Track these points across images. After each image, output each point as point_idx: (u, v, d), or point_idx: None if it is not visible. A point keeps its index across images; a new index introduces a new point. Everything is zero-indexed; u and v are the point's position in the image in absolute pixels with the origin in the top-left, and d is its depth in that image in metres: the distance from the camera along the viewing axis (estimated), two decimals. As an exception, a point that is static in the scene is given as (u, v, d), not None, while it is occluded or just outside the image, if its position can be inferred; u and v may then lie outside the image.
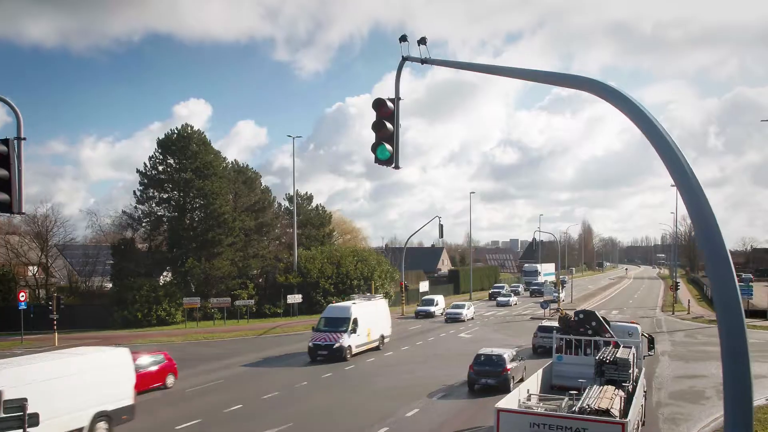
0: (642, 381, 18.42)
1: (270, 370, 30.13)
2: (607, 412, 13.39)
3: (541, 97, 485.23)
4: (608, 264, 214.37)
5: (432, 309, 53.14)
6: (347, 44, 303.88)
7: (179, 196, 55.68)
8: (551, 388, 19.04)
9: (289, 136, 69.20)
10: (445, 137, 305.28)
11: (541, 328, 33.68)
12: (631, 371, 17.02)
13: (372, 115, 11.90)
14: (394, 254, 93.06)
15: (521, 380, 23.67)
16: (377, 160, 11.88)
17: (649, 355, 23.23)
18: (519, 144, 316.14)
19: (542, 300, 52.69)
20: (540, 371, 18.97)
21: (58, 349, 38.01)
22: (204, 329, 47.43)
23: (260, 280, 61.33)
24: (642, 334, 22.10)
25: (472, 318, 51.13)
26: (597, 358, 17.72)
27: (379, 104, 11.78)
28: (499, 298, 66.29)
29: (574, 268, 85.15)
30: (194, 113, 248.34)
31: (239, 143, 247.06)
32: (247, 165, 64.31)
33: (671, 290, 61.95)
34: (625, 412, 14.11)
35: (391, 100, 11.82)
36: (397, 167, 11.99)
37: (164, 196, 56.07)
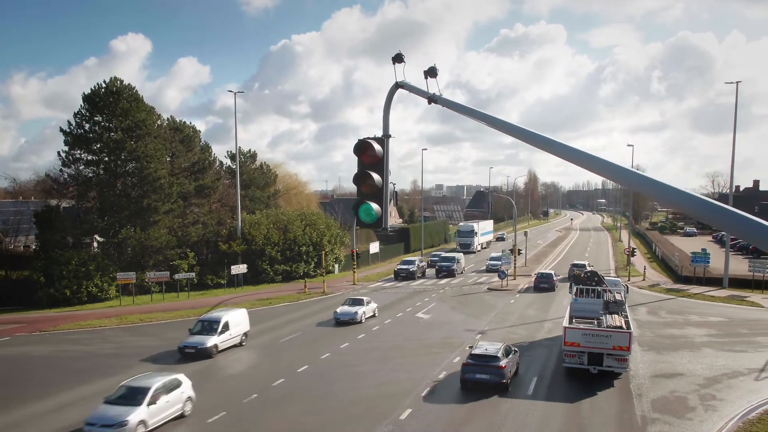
0: (627, 310, 29.21)
1: (215, 373, 27.11)
2: (620, 328, 25.36)
3: (490, 39, 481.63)
4: (552, 211, 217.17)
5: (222, 319, 30.52)
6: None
7: (109, 158, 50.30)
8: (571, 319, 27.67)
9: (230, 91, 64.15)
10: (393, 78, 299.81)
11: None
12: (624, 306, 29.05)
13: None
14: (343, 209, 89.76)
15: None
16: (360, 222, 8.76)
17: (626, 296, 32.83)
18: (467, 86, 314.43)
19: (498, 270, 50.41)
20: (569, 308, 29.17)
21: None
22: (140, 307, 43.64)
23: (201, 245, 57.25)
24: (622, 285, 34.31)
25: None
26: (604, 299, 29.08)
27: (363, 148, 8.47)
28: (338, 310, 37.78)
29: (527, 231, 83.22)
30: (133, 49, 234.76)
31: (180, 82, 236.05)
32: (185, 121, 59.31)
33: (626, 254, 61.40)
34: (627, 327, 25.61)
35: (379, 140, 8.57)
36: (385, 229, 8.94)
37: (92, 158, 50.60)
